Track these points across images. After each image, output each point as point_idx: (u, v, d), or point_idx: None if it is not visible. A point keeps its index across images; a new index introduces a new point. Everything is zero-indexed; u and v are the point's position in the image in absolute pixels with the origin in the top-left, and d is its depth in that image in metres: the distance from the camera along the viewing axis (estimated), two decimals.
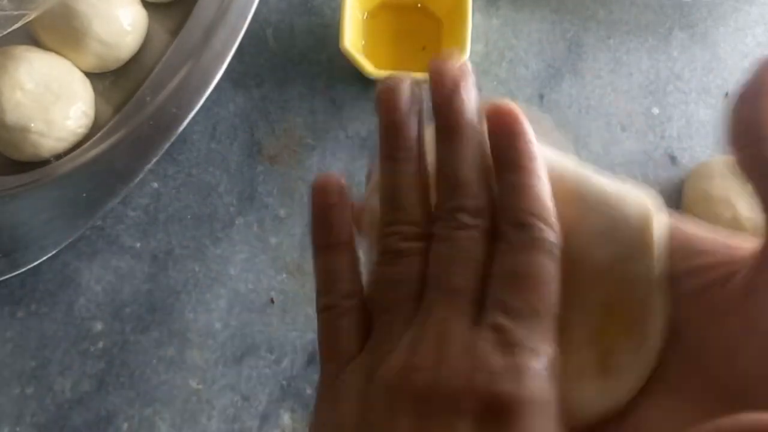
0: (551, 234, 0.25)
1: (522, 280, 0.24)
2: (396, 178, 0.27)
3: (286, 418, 0.41)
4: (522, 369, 0.22)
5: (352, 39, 0.45)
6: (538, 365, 0.22)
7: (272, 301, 0.44)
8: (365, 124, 0.47)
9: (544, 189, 0.26)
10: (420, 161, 0.27)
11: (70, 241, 0.41)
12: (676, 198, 0.47)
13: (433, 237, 0.26)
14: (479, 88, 0.26)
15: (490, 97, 0.27)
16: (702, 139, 0.48)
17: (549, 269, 0.24)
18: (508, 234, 0.26)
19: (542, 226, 0.25)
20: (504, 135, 0.27)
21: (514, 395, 0.22)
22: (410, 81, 0.28)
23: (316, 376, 0.42)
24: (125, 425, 0.41)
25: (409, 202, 0.27)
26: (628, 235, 0.23)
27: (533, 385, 0.22)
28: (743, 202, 0.43)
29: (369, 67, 0.43)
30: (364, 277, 0.27)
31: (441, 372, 0.23)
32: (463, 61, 0.28)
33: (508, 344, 0.23)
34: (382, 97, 0.27)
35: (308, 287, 0.44)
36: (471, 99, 0.28)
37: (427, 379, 0.22)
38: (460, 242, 0.25)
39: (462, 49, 0.44)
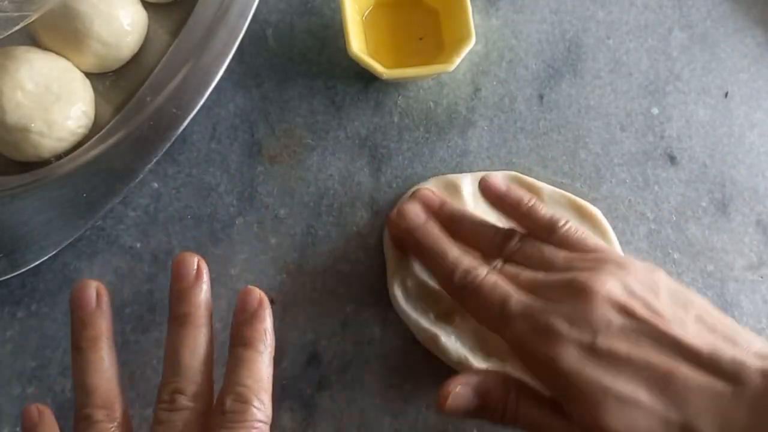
0: (261, 414, 0.31)
1: None
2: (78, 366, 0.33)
3: (286, 418, 0.41)
4: None
5: (356, 42, 0.45)
6: None
7: (272, 301, 0.44)
8: (365, 124, 0.47)
9: (264, 366, 0.32)
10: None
11: (70, 241, 0.41)
12: (675, 198, 0.47)
13: (155, 418, 0.32)
14: (479, 88, 0.26)
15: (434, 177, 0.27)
16: (701, 139, 0.48)
17: None
18: (225, 405, 0.31)
19: (256, 405, 0.31)
20: (245, 316, 0.34)
21: None
22: (96, 285, 0.35)
23: (316, 376, 0.42)
24: None
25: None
26: None
27: None
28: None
29: (380, 68, 0.43)
30: None
31: None
32: (199, 260, 0.35)
33: None
34: (73, 296, 0.35)
35: (308, 287, 0.44)
36: (206, 293, 0.35)
37: None
38: (174, 424, 0.31)
39: (467, 36, 0.44)
